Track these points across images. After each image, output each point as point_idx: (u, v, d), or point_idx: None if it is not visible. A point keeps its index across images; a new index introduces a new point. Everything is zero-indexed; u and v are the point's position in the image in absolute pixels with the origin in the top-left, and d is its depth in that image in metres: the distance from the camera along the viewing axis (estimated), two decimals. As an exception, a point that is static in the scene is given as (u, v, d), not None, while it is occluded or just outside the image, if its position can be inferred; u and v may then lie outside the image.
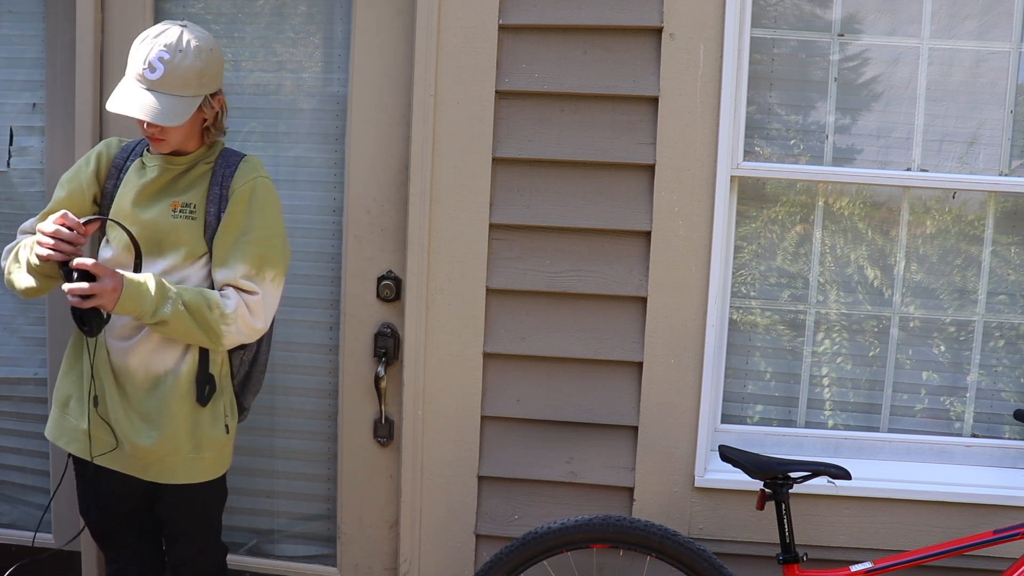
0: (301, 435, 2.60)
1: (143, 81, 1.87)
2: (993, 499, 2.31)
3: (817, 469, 2.04)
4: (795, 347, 2.47)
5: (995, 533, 2.03)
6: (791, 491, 2.24)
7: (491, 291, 2.39)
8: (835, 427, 2.48)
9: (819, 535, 2.36)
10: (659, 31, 2.28)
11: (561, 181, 2.35)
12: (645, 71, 2.29)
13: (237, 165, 2.03)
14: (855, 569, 2.05)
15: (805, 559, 2.15)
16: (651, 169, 2.31)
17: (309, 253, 2.53)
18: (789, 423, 2.49)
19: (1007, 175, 2.37)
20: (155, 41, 1.88)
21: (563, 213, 2.35)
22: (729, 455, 2.09)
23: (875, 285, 2.45)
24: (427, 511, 2.46)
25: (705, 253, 2.31)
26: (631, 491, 2.39)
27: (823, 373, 2.48)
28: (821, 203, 2.42)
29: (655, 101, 2.30)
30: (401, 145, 2.43)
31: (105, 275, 1.77)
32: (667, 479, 2.38)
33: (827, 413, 2.49)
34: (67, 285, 1.76)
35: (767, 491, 2.06)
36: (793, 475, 2.05)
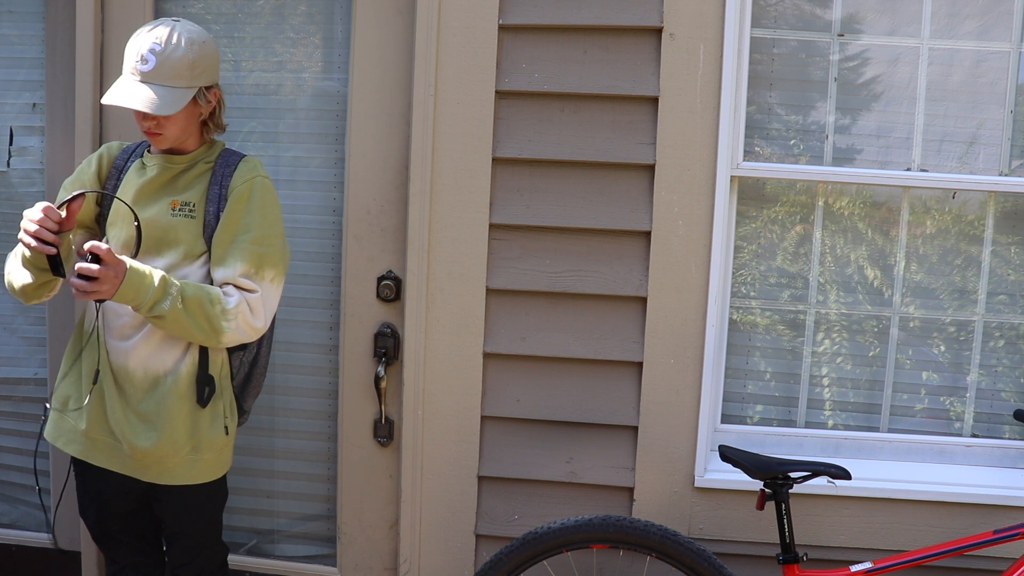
0: (301, 435, 2.60)
1: (136, 74, 1.91)
2: (993, 499, 2.31)
3: (817, 469, 2.04)
4: (795, 347, 2.47)
5: (995, 533, 2.03)
6: (791, 491, 2.25)
7: (491, 291, 2.39)
8: (835, 427, 2.48)
9: (819, 535, 2.36)
10: (659, 31, 2.28)
11: (561, 181, 2.35)
12: (645, 71, 2.29)
13: (237, 165, 2.03)
14: (855, 569, 2.05)
15: (805, 559, 2.15)
16: (651, 169, 2.31)
17: (309, 253, 2.53)
18: (789, 423, 2.49)
19: (1007, 175, 2.37)
20: (147, 36, 1.92)
21: (563, 213, 2.35)
22: (729, 455, 2.09)
23: (875, 285, 2.45)
24: (427, 511, 2.46)
25: (705, 253, 2.31)
26: (631, 491, 2.40)
27: (823, 373, 2.48)
28: (821, 203, 2.42)
29: (655, 101, 2.30)
30: (401, 145, 2.43)
31: (111, 262, 1.77)
32: (667, 479, 2.38)
33: (827, 413, 2.49)
34: (77, 266, 1.75)
35: (767, 491, 2.06)
36: (793, 475, 2.05)
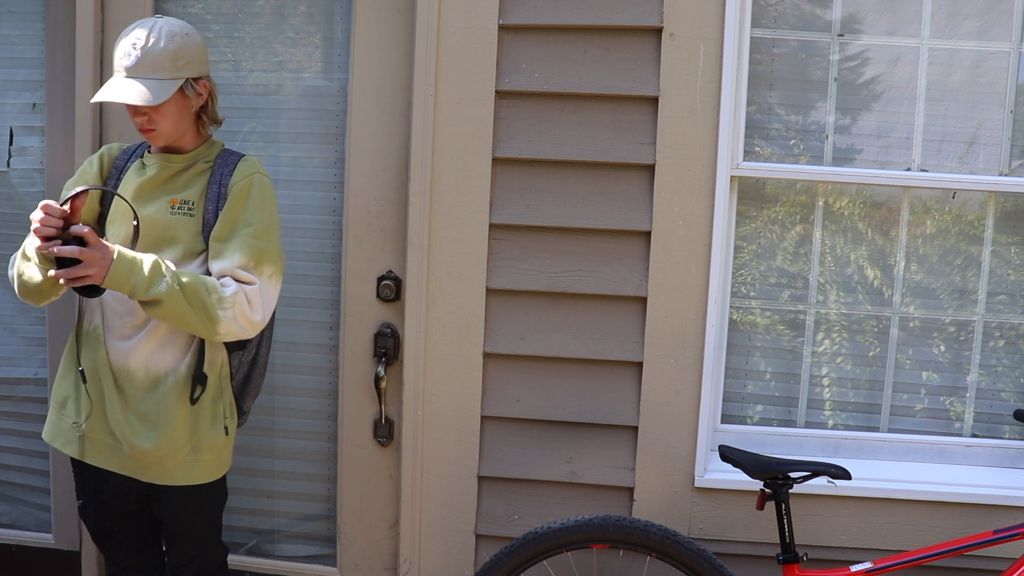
0: (301, 435, 2.60)
1: (122, 71, 1.94)
2: (993, 499, 2.31)
3: (817, 469, 2.04)
4: (795, 347, 2.47)
5: (995, 533, 2.03)
6: (791, 491, 2.24)
7: (491, 291, 2.39)
8: (835, 427, 2.48)
9: (819, 535, 2.36)
10: (659, 31, 2.28)
11: (561, 181, 2.35)
12: (645, 71, 2.29)
13: (236, 164, 2.03)
14: (855, 569, 2.05)
15: (805, 559, 2.15)
16: (651, 169, 2.31)
17: (309, 253, 2.53)
18: (789, 423, 2.49)
19: (1007, 175, 2.37)
20: (131, 34, 1.95)
21: (563, 213, 2.35)
22: (729, 455, 2.09)
23: (875, 285, 2.44)
24: (427, 511, 2.46)
25: (705, 253, 2.31)
26: (631, 491, 2.39)
27: (823, 373, 2.48)
28: (821, 203, 2.42)
29: (655, 101, 2.30)
30: (401, 145, 2.43)
31: (96, 244, 1.76)
32: (667, 479, 2.38)
33: (827, 413, 2.49)
34: (56, 249, 1.73)
35: (767, 491, 2.06)
36: (793, 475, 2.05)
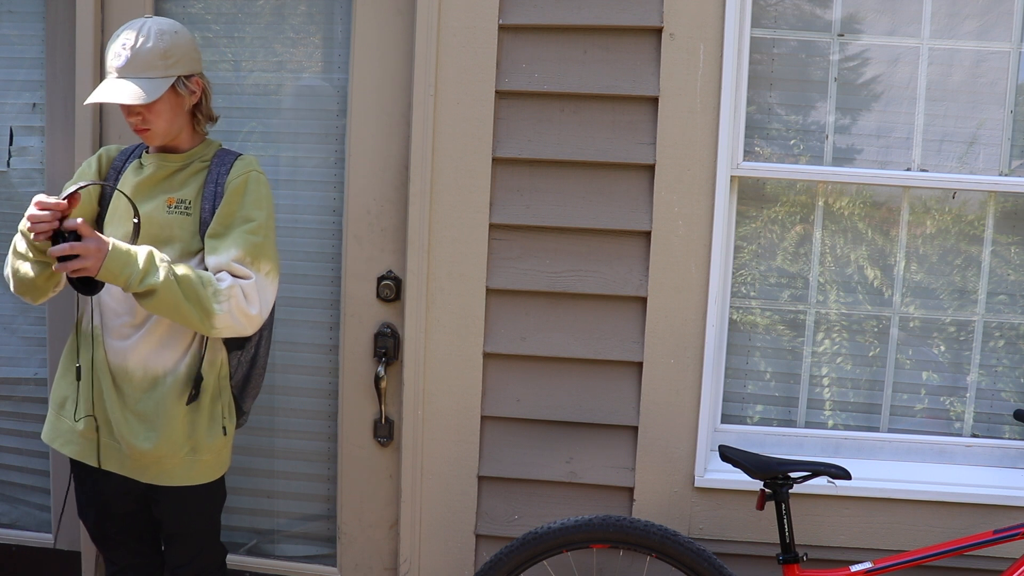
0: (301, 435, 2.60)
1: (113, 72, 1.94)
2: (993, 499, 2.31)
3: (817, 469, 2.04)
4: (795, 347, 2.47)
5: (995, 533, 2.03)
6: (791, 491, 2.25)
7: (491, 291, 2.39)
8: (835, 427, 2.48)
9: (819, 535, 2.36)
10: (659, 31, 2.28)
11: (561, 181, 2.35)
12: (645, 71, 2.29)
13: (232, 163, 2.04)
14: (855, 569, 2.05)
15: (805, 559, 2.15)
16: (651, 169, 2.31)
17: (309, 253, 2.53)
18: (789, 423, 2.49)
19: (1007, 175, 2.37)
20: (120, 36, 1.95)
21: (563, 213, 2.35)
22: (729, 455, 2.09)
23: (875, 285, 2.44)
24: (427, 511, 2.46)
25: (705, 253, 2.31)
26: (631, 491, 2.39)
27: (823, 373, 2.48)
28: (821, 203, 2.42)
29: (655, 101, 2.30)
30: (401, 145, 2.43)
31: (90, 236, 1.76)
32: (667, 479, 2.38)
33: (827, 413, 2.49)
34: (50, 250, 1.73)
35: (767, 491, 2.06)
36: (793, 475, 2.05)
